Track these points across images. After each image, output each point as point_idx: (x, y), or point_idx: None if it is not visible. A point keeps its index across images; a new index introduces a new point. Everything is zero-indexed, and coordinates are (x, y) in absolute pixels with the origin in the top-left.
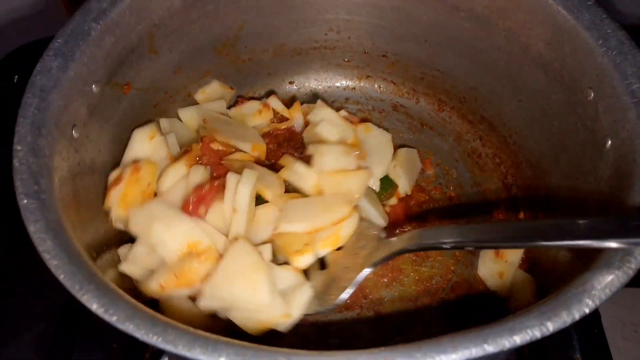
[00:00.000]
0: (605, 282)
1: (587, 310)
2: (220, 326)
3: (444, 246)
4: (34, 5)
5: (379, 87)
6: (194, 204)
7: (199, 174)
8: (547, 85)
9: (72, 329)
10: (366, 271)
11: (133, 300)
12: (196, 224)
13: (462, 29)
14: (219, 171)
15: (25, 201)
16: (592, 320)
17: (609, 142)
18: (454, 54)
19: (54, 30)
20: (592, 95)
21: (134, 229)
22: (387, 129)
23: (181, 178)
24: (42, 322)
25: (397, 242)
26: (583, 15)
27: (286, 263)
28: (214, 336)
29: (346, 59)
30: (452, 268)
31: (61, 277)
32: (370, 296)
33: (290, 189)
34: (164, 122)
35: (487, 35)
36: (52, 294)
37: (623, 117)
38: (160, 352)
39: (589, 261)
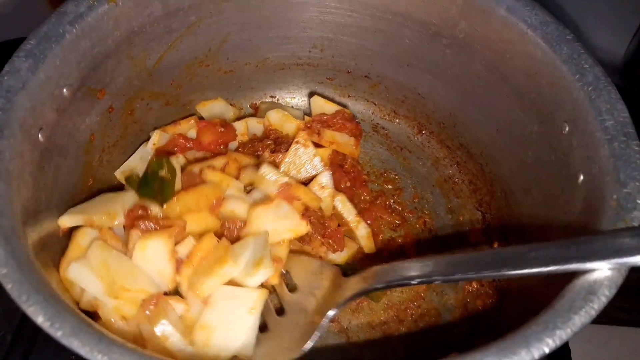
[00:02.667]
0: (567, 322)
1: (546, 350)
2: None
3: (410, 282)
4: (15, 3)
5: (360, 107)
6: None
7: None
8: (524, 116)
9: (30, 338)
10: (331, 313)
11: (82, 315)
12: None
13: (444, 55)
14: None
15: None
16: (562, 356)
17: (581, 176)
18: (435, 79)
19: None
20: (567, 129)
21: None
22: (366, 150)
23: None
24: (0, 328)
25: (357, 281)
26: (562, 49)
27: None
28: (160, 357)
29: (329, 77)
30: (422, 295)
31: (8, 287)
32: (339, 321)
33: None
34: None
35: (467, 63)
36: (12, 302)
37: (595, 153)
38: None
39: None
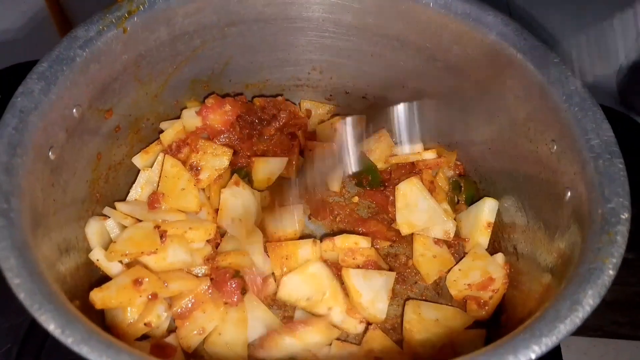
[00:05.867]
0: (552, 330)
1: (533, 356)
2: None
3: None
4: (27, 28)
5: None
6: None
7: None
8: (515, 135)
9: (36, 352)
10: None
11: (90, 323)
12: None
13: (438, 77)
14: None
15: None
16: None
17: (569, 193)
18: (430, 100)
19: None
20: (555, 148)
21: None
22: None
23: None
24: (6, 341)
25: None
26: (549, 72)
27: None
28: None
29: (327, 98)
30: None
31: (21, 296)
32: None
33: None
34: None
35: (460, 85)
36: (18, 314)
37: (582, 170)
38: None
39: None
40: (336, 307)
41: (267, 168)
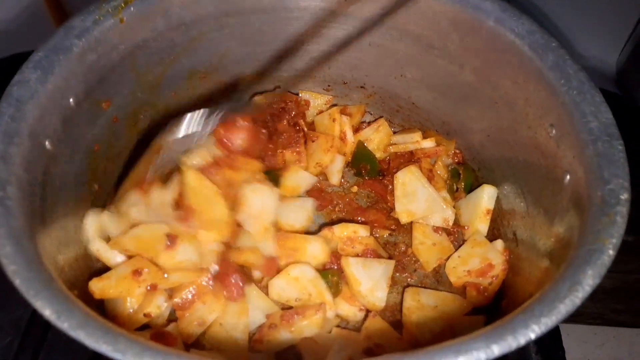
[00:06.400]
0: (552, 310)
1: (532, 336)
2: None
3: None
4: (22, 19)
5: None
6: None
7: None
8: (514, 121)
9: (37, 344)
10: None
11: (87, 309)
12: None
13: (436, 65)
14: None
15: None
16: (556, 356)
17: (568, 176)
18: (429, 88)
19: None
20: (554, 132)
21: None
22: None
23: None
24: (6, 335)
25: None
26: (547, 56)
27: None
28: (164, 348)
29: (325, 89)
30: None
31: (17, 282)
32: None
33: None
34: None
35: (459, 72)
36: (18, 308)
37: (581, 153)
38: None
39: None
40: (325, 305)
41: (298, 179)
